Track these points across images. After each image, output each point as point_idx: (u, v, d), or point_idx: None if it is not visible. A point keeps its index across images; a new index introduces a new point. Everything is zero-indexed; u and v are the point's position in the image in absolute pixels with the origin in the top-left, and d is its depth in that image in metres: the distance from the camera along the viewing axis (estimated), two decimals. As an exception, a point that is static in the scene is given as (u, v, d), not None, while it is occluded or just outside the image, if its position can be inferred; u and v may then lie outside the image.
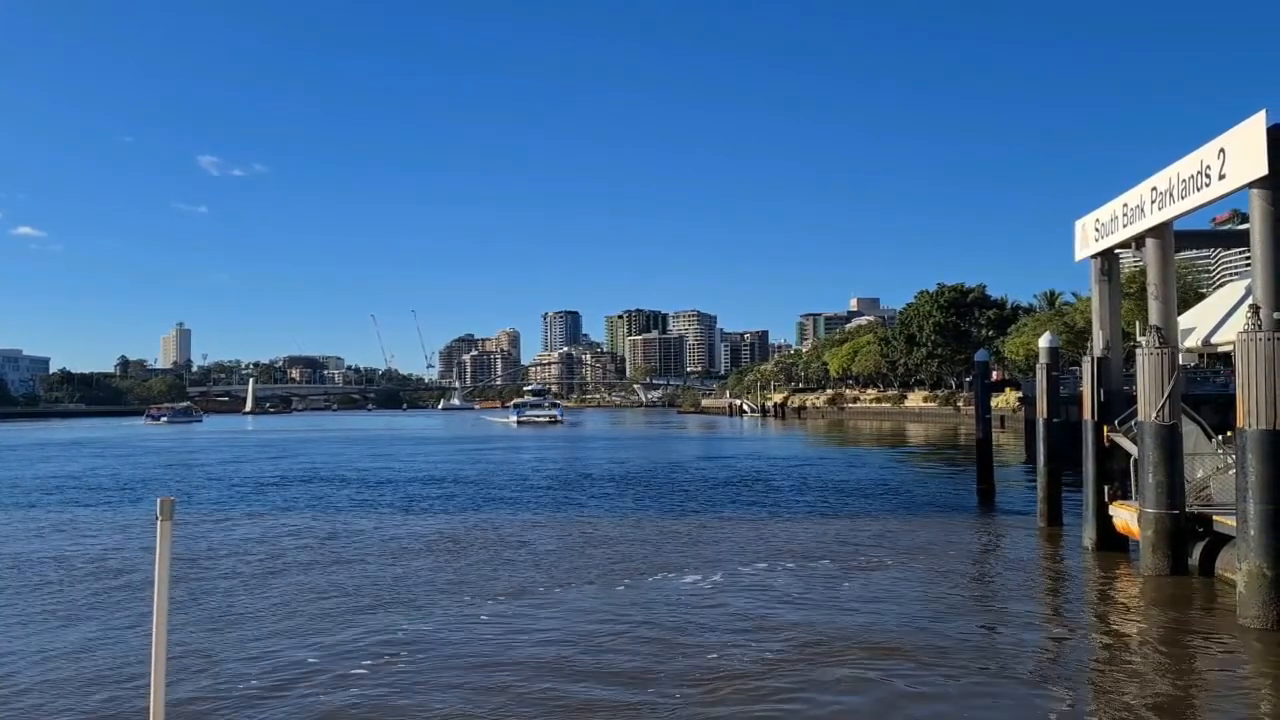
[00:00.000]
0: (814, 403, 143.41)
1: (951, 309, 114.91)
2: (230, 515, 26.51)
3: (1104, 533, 17.93)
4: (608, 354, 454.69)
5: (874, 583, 15.74)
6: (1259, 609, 11.89)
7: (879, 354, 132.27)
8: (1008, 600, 15.07)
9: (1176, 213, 14.98)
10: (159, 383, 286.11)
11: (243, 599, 15.00)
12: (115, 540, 21.77)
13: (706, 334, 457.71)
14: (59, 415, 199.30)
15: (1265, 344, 11.73)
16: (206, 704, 9.72)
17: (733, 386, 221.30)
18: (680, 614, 13.52)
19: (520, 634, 12.58)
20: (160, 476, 41.94)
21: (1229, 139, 12.69)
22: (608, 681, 10.41)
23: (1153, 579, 15.18)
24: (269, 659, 11.42)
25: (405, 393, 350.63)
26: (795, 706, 9.54)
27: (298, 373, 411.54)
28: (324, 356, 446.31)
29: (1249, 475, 11.91)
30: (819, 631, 12.42)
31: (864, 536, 21.00)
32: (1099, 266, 19.27)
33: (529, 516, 25.40)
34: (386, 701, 9.80)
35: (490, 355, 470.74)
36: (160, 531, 4.75)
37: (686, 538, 21.04)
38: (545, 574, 16.76)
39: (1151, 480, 15.29)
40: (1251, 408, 11.84)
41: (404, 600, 14.79)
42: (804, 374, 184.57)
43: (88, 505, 29.68)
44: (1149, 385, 15.37)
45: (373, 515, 26.12)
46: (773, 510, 26.16)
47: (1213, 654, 11.70)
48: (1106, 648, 12.28)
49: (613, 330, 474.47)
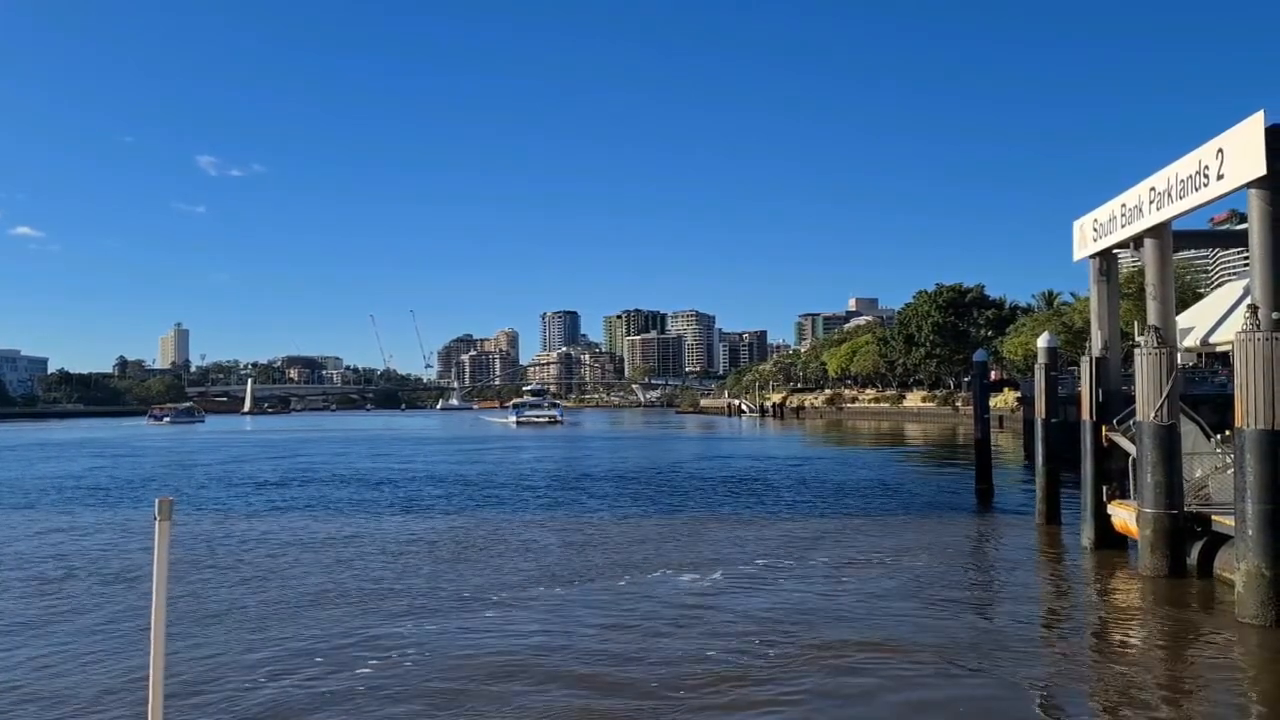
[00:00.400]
0: (812, 403, 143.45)
1: (950, 309, 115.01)
2: (231, 514, 26.49)
3: (1102, 532, 17.96)
4: (606, 354, 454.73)
5: (872, 581, 15.75)
6: (1257, 608, 11.92)
7: (877, 354, 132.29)
8: (1006, 599, 15.10)
9: (1175, 213, 14.99)
10: (157, 383, 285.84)
11: (242, 599, 14.99)
12: (113, 539, 21.76)
13: (705, 334, 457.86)
14: (57, 415, 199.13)
15: (1263, 344, 11.75)
16: (207, 703, 9.72)
17: (731, 386, 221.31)
18: (677, 611, 13.52)
19: (517, 634, 12.58)
20: (160, 475, 41.91)
21: (1227, 139, 12.71)
22: (610, 683, 10.41)
23: (1151, 578, 15.20)
24: (268, 661, 11.42)
25: (404, 393, 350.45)
26: (796, 707, 9.55)
27: (296, 373, 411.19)
28: (323, 357, 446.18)
29: (1247, 475, 11.93)
30: (818, 630, 12.42)
31: (862, 536, 21.01)
32: (1097, 266, 19.29)
33: (529, 516, 25.41)
34: (386, 703, 9.80)
35: (489, 355, 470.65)
36: (158, 531, 4.75)
37: (687, 536, 21.03)
38: (548, 572, 16.77)
39: (1150, 480, 15.31)
40: (1250, 407, 11.86)
41: (409, 600, 14.79)
42: (802, 374, 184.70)
43: (88, 505, 29.65)
44: (1147, 385, 15.39)
45: (372, 515, 26.12)
46: (772, 510, 26.15)
47: (1211, 652, 11.72)
48: (1105, 646, 12.30)
49: (611, 330, 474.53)
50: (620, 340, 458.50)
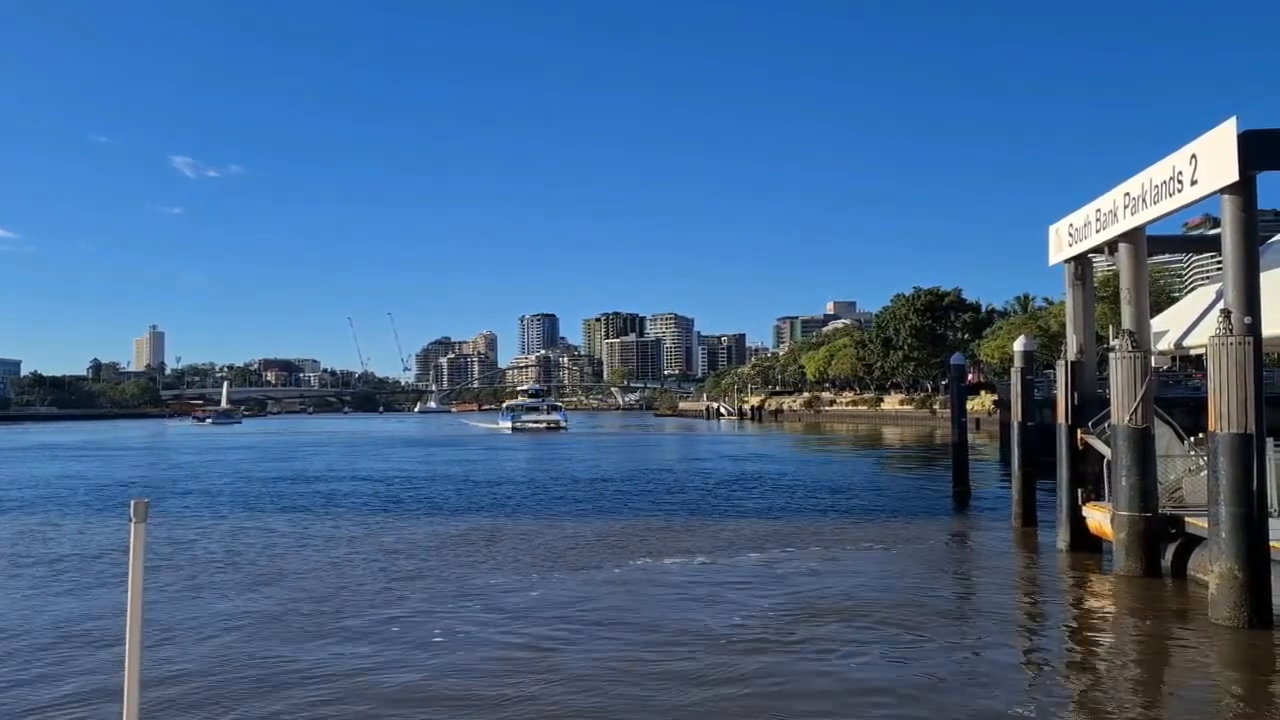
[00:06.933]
0: (791, 405, 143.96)
1: (928, 312, 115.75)
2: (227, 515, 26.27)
3: (1078, 534, 18.07)
4: (585, 357, 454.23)
5: (846, 584, 15.73)
6: (1230, 609, 12.02)
7: (855, 357, 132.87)
8: (981, 601, 15.17)
9: (1149, 218, 15.11)
10: (132, 386, 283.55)
11: (241, 596, 14.86)
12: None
13: (684, 337, 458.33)
14: (31, 419, 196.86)
15: (1236, 348, 11.86)
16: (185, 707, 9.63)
17: (710, 389, 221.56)
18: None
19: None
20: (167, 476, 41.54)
21: (1201, 145, 12.82)
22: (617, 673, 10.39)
23: (1126, 580, 15.32)
24: (269, 658, 11.31)
25: (382, 395, 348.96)
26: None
27: (273, 375, 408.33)
28: (299, 359, 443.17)
29: (1220, 478, 12.03)
30: (789, 632, 12.43)
31: (838, 538, 21.03)
32: (1072, 271, 19.43)
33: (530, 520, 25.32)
34: (388, 700, 9.74)
35: (467, 358, 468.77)
36: (133, 534, 4.68)
37: (667, 535, 21.00)
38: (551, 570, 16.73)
39: (1124, 483, 15.43)
40: (1223, 411, 11.96)
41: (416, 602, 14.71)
42: (781, 377, 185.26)
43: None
44: (1122, 388, 15.51)
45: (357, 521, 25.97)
46: (752, 511, 26.15)
47: (1185, 653, 11.81)
48: (1079, 648, 12.38)
49: (590, 333, 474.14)
50: (599, 343, 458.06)
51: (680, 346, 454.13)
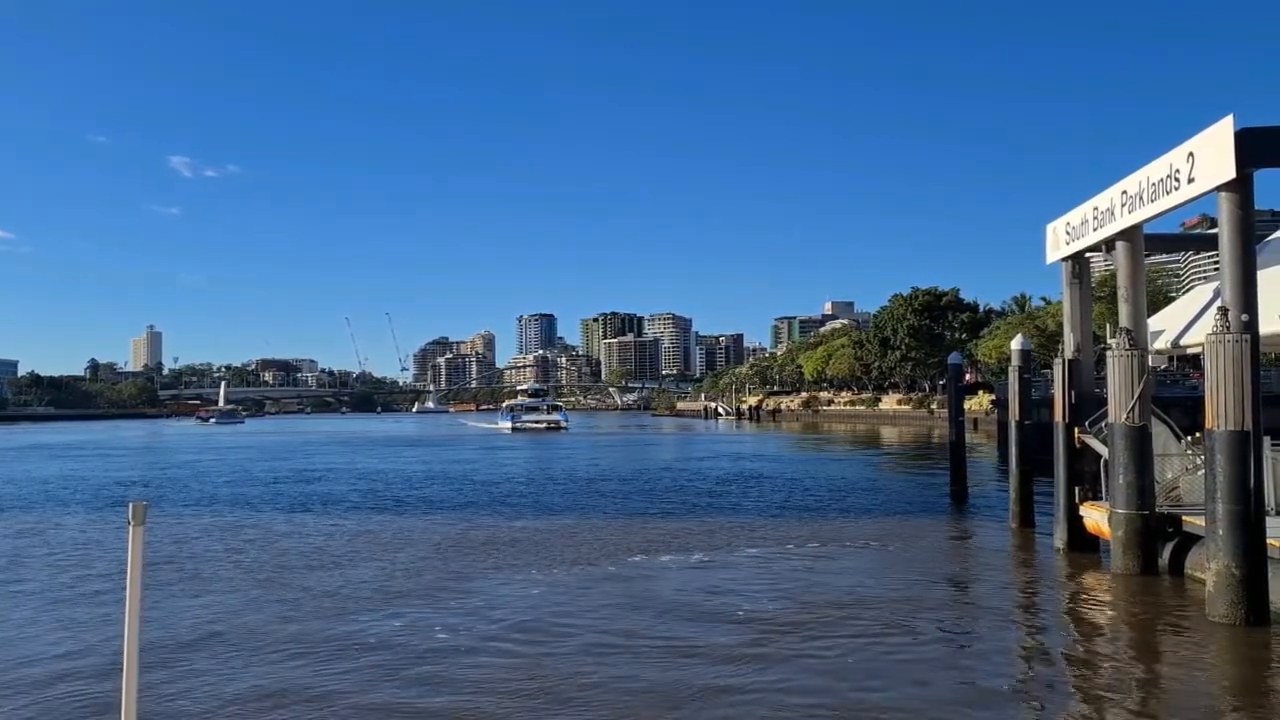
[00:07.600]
0: (788, 405, 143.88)
1: (925, 312, 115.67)
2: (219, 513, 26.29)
3: (1075, 533, 18.08)
4: (583, 357, 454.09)
5: (844, 583, 15.76)
6: (1227, 607, 12.05)
7: (853, 357, 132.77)
8: (979, 601, 15.19)
9: (1146, 216, 15.13)
10: (129, 386, 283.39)
11: (241, 596, 14.86)
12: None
13: (682, 337, 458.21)
14: (29, 419, 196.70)
15: (1233, 346, 11.88)
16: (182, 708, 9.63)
17: (708, 389, 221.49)
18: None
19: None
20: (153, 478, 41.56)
21: (1198, 143, 12.85)
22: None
23: (1123, 578, 15.34)
24: (270, 658, 11.32)
25: (379, 396, 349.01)
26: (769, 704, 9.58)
27: (271, 376, 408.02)
28: (297, 359, 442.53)
29: (1217, 476, 12.06)
30: (786, 629, 12.44)
31: (835, 537, 21.05)
32: (1070, 270, 19.44)
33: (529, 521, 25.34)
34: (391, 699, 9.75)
35: (465, 358, 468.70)
36: (132, 536, 4.68)
37: (666, 534, 21.01)
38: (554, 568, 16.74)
39: (1122, 481, 15.45)
40: (1220, 409, 11.98)
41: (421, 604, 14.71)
42: (778, 377, 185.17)
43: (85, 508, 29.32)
44: (1119, 387, 15.53)
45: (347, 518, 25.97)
46: (749, 510, 26.16)
47: (1183, 651, 11.83)
48: (1077, 646, 12.38)
49: (588, 333, 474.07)
50: (597, 343, 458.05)
51: (678, 346, 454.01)
